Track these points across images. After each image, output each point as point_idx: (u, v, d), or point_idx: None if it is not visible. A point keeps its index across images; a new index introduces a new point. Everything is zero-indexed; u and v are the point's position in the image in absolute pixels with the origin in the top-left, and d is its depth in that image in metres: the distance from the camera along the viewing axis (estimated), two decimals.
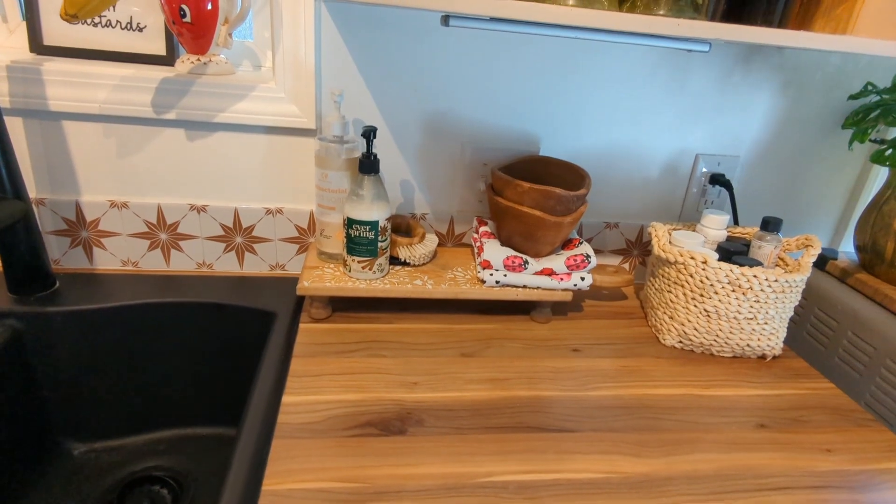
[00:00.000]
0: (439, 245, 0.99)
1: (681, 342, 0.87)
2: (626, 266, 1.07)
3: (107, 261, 0.93)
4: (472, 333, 0.85)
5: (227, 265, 0.96)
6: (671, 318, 0.86)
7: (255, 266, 0.97)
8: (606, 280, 0.94)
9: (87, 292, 0.87)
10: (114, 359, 0.87)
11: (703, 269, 0.81)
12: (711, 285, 0.80)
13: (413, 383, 0.73)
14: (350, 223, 0.80)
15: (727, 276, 0.79)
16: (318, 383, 0.71)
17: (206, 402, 0.93)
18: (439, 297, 0.85)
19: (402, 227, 0.95)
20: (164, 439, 0.93)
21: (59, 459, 0.88)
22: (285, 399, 0.68)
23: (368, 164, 0.79)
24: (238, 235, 0.94)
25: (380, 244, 0.82)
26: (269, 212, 0.93)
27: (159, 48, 0.88)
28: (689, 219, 1.05)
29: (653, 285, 0.91)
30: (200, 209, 0.91)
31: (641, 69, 0.91)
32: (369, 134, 0.78)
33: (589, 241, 1.04)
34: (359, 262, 0.83)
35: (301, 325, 0.83)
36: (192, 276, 0.94)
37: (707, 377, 0.81)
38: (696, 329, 0.84)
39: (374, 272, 0.84)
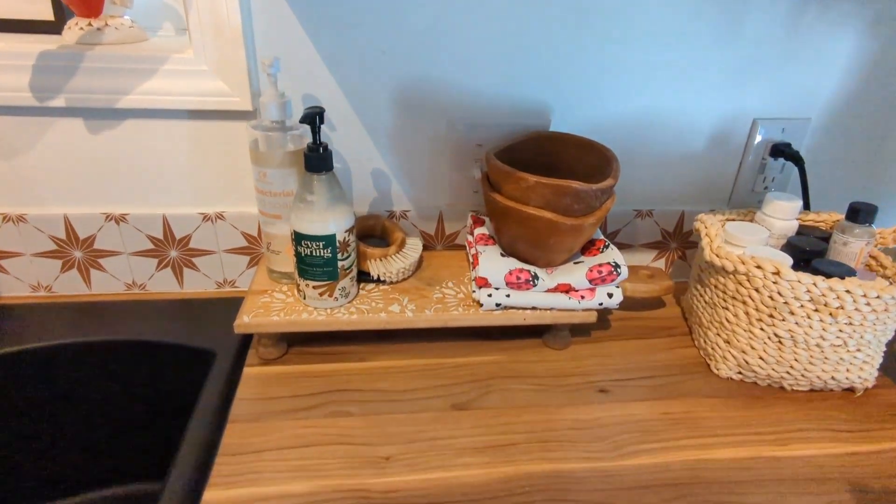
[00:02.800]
0: (426, 249, 0.79)
1: (740, 373, 0.66)
2: (663, 264, 0.86)
3: (12, 287, 0.75)
4: (467, 371, 0.66)
5: (163, 284, 0.77)
6: (728, 342, 0.66)
7: (197, 284, 0.78)
8: (640, 289, 0.73)
9: None
10: (16, 413, 0.70)
11: (775, 283, 0.60)
12: (786, 303, 0.60)
13: (385, 458, 0.54)
14: (298, 239, 0.60)
15: (808, 291, 0.58)
16: (257, 465, 0.53)
17: (130, 460, 0.76)
18: (423, 327, 0.65)
19: (376, 230, 0.75)
20: None
21: None
22: (208, 496, 0.50)
23: (316, 160, 0.58)
24: (172, 248, 0.75)
25: (340, 263, 0.62)
26: (206, 218, 0.73)
27: (45, 11, 0.67)
28: (741, 202, 0.83)
29: (701, 296, 0.70)
30: (119, 219, 0.72)
31: (681, 13, 0.68)
32: (314, 118, 0.57)
33: (615, 235, 0.82)
34: (314, 287, 0.63)
35: (246, 370, 0.65)
36: (120, 302, 0.75)
37: (780, 425, 0.61)
38: (762, 359, 0.63)
39: (336, 299, 0.64)
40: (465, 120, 0.72)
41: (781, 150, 0.77)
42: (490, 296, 0.64)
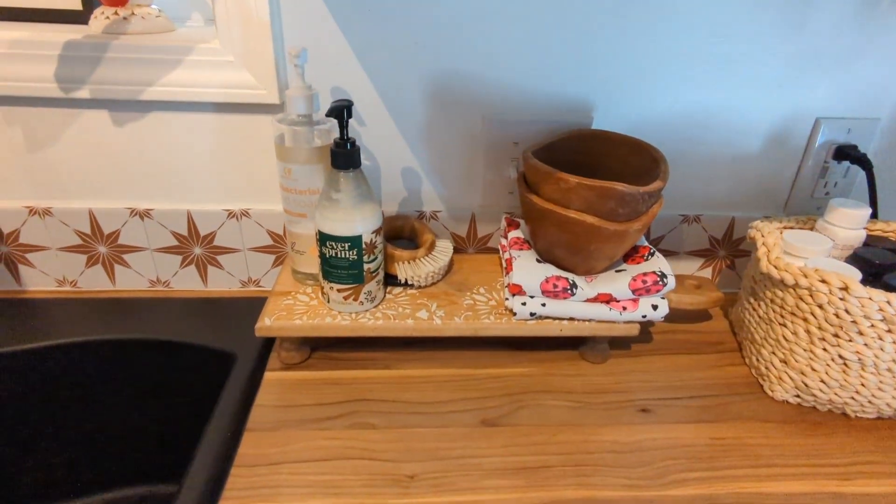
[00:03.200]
0: (457, 252, 0.75)
1: (798, 397, 0.61)
2: (710, 273, 0.80)
3: (38, 281, 0.74)
4: (498, 384, 0.62)
5: (187, 282, 0.76)
6: (784, 362, 0.60)
7: (222, 282, 0.76)
8: (686, 300, 0.68)
9: (9, 324, 0.67)
10: (36, 409, 0.68)
11: (843, 300, 0.54)
12: (854, 322, 0.54)
13: (409, 477, 0.51)
14: (323, 239, 0.57)
15: (881, 310, 0.52)
16: (273, 479, 0.50)
17: (148, 460, 0.74)
18: (452, 336, 0.62)
19: (405, 231, 0.71)
20: None
21: None
22: None
23: (343, 156, 0.55)
24: (196, 246, 0.73)
25: (366, 266, 0.59)
26: (231, 215, 0.71)
27: (73, 1, 0.66)
28: (799, 209, 0.76)
29: (754, 310, 0.65)
30: (143, 214, 0.70)
31: (739, 1, 0.63)
32: (342, 112, 0.54)
33: (659, 241, 0.77)
34: (339, 290, 0.60)
35: (267, 374, 0.62)
36: (144, 299, 0.74)
37: (843, 457, 0.55)
38: (823, 382, 0.58)
39: (362, 303, 0.61)
40: (500, 116, 0.68)
41: (846, 153, 0.71)
42: (524, 304, 0.60)
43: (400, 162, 0.70)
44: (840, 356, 0.56)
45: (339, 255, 0.57)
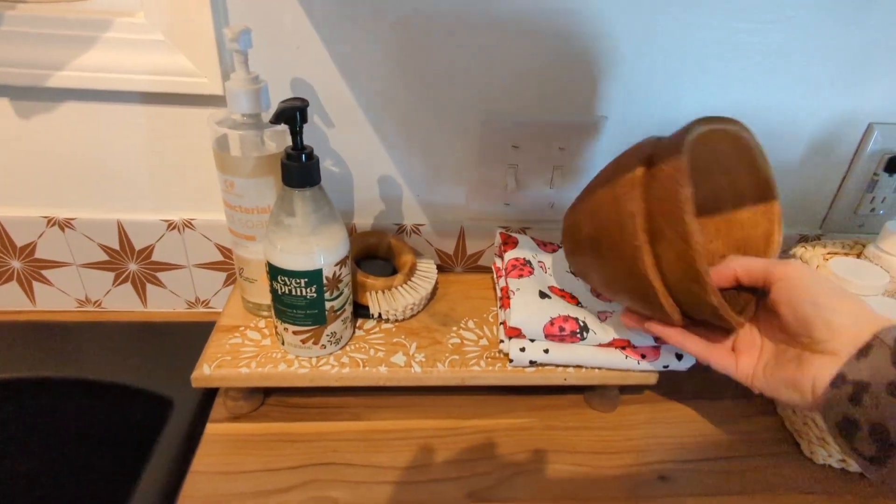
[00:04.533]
0: (442, 271, 0.64)
1: (844, 461, 0.51)
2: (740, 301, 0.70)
3: None
4: (489, 440, 0.52)
5: (122, 302, 0.64)
6: None
7: (164, 302, 0.64)
8: None
9: None
10: None
11: None
12: None
13: None
14: (274, 273, 0.46)
15: None
16: None
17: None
18: (434, 385, 0.51)
19: (381, 250, 0.60)
20: None
21: None
22: None
23: (298, 172, 0.43)
24: (131, 261, 0.61)
25: (328, 304, 0.47)
26: (172, 226, 0.59)
27: None
28: (838, 226, 0.66)
29: None
30: (64, 224, 0.58)
31: None
32: (293, 115, 0.41)
33: None
34: (294, 332, 0.48)
35: (209, 427, 0.51)
36: (70, 323, 0.62)
37: None
38: None
39: (324, 346, 0.50)
40: (498, 114, 0.56)
41: None
42: (523, 350, 0.50)
43: (376, 168, 0.58)
44: None
45: (293, 293, 0.46)
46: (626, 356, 0.50)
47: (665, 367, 0.51)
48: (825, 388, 0.35)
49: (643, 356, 0.50)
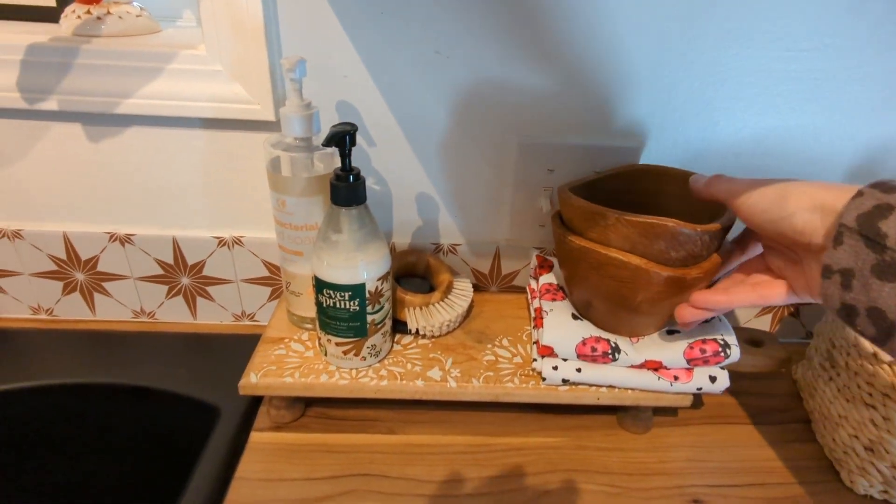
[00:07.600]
0: (477, 290, 0.65)
1: (886, 492, 0.50)
2: (768, 322, 0.69)
3: (10, 307, 0.67)
4: (520, 458, 0.53)
5: (174, 313, 0.67)
6: (870, 450, 0.49)
7: (212, 315, 0.68)
8: (746, 362, 0.57)
9: None
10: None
11: None
12: None
13: None
14: (320, 287, 0.48)
15: None
16: None
17: None
18: (469, 400, 0.52)
19: (419, 269, 0.62)
20: None
21: None
22: None
23: (346, 191, 0.46)
24: (183, 275, 0.64)
25: (370, 317, 0.50)
26: (222, 242, 0.62)
27: None
28: None
29: (830, 379, 0.54)
30: (124, 240, 0.62)
31: (833, 3, 0.52)
32: (343, 139, 0.44)
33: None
34: (337, 344, 0.51)
35: (254, 435, 0.54)
36: (126, 332, 0.66)
37: None
38: None
39: (364, 358, 0.52)
40: (534, 138, 0.58)
41: None
42: (556, 369, 0.51)
43: (415, 188, 0.61)
44: None
45: (337, 305, 0.48)
46: (659, 377, 0.50)
47: (699, 389, 0.51)
48: (819, 280, 0.35)
49: (676, 378, 0.50)
